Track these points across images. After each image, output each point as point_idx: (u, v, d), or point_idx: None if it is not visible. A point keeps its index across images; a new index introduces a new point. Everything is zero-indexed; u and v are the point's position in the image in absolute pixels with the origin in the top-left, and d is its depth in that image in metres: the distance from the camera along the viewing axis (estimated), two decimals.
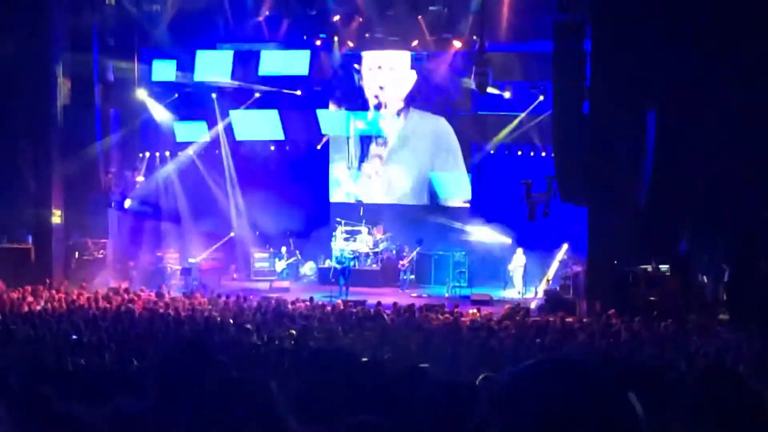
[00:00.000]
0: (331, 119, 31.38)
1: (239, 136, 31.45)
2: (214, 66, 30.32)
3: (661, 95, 22.52)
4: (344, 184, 32.05)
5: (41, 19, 25.94)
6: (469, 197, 30.97)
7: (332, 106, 31.35)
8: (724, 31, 21.45)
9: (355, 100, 31.13)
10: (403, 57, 30.32)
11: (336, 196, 32.13)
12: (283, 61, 30.36)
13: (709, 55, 21.49)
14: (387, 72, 30.63)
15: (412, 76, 30.57)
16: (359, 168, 31.79)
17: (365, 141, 31.69)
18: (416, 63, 30.37)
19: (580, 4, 23.74)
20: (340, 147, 31.94)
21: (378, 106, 31.02)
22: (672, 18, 22.06)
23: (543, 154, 28.91)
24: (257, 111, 31.13)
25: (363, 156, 31.76)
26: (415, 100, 30.83)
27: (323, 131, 31.44)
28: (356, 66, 30.74)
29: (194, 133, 31.13)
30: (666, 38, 22.15)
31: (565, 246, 27.10)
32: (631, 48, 22.48)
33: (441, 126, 30.84)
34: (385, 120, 31.20)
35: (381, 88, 30.79)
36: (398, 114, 31.08)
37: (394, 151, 31.37)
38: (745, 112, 21.39)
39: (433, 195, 31.33)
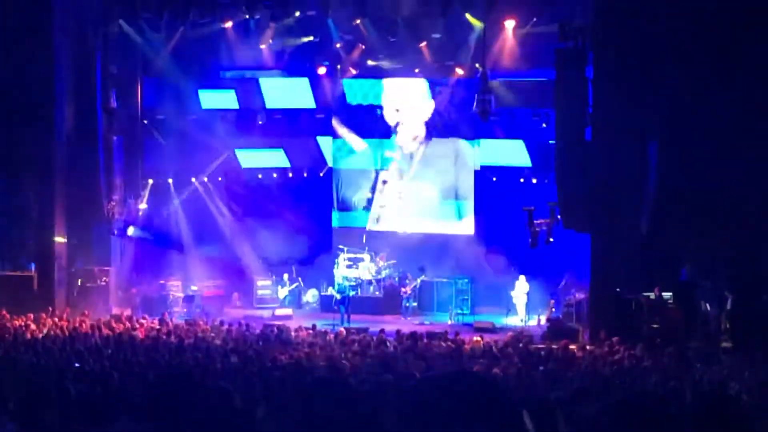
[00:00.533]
0: (356, 150, 31.34)
1: (245, 164, 31.64)
2: (218, 101, 30.59)
3: (663, 121, 22.57)
4: (362, 209, 31.64)
5: (45, 46, 25.96)
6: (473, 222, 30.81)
7: (351, 136, 31.20)
8: (725, 55, 21.53)
9: (376, 128, 31.03)
10: (420, 84, 30.36)
11: (352, 221, 31.82)
12: (286, 91, 30.49)
13: (711, 79, 21.56)
14: (404, 96, 30.53)
15: (429, 105, 30.47)
16: (373, 193, 31.45)
17: (386, 167, 31.42)
18: (433, 91, 30.31)
19: (582, 32, 23.86)
20: (362, 174, 31.73)
21: (395, 128, 30.84)
22: (674, 42, 22.13)
23: (546, 180, 28.89)
24: (262, 151, 31.38)
25: (382, 181, 31.42)
26: (436, 129, 30.65)
27: (336, 164, 31.41)
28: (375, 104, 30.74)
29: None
30: (668, 63, 22.24)
31: (566, 275, 27.08)
32: (633, 74, 22.57)
33: (461, 147, 30.60)
34: (404, 144, 31.00)
35: (397, 110, 30.72)
36: (417, 139, 30.83)
37: (416, 173, 31.06)
38: (748, 138, 21.43)
39: (449, 219, 30.99)
